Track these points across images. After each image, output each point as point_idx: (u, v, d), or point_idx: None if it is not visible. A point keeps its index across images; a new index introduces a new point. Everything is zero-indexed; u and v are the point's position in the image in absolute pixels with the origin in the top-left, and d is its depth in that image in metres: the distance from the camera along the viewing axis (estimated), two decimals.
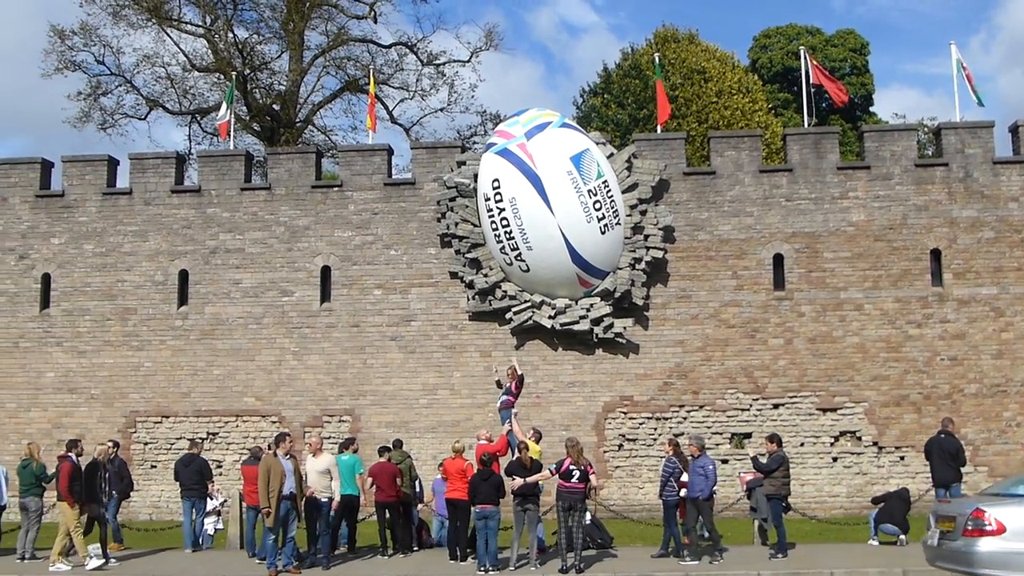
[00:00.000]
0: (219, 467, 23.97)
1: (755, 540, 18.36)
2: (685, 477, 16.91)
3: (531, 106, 24.96)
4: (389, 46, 40.54)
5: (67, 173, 26.34)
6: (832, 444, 23.53)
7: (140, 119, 40.23)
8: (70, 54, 38.31)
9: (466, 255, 24.22)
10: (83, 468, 17.35)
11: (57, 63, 38.28)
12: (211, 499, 19.56)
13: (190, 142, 40.80)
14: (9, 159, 26.98)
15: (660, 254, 23.84)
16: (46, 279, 25.86)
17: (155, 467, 24.73)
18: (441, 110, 40.89)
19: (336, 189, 25.41)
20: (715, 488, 17.07)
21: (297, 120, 39.51)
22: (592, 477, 16.45)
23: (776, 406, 23.68)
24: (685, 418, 23.77)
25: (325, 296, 25.00)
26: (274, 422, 24.49)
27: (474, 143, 37.34)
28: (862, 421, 23.51)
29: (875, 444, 23.41)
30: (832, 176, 24.33)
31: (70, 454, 17.20)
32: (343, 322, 24.73)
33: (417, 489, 19.12)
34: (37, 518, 17.96)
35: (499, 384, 19.34)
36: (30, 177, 26.42)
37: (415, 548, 18.30)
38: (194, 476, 19.01)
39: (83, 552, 16.70)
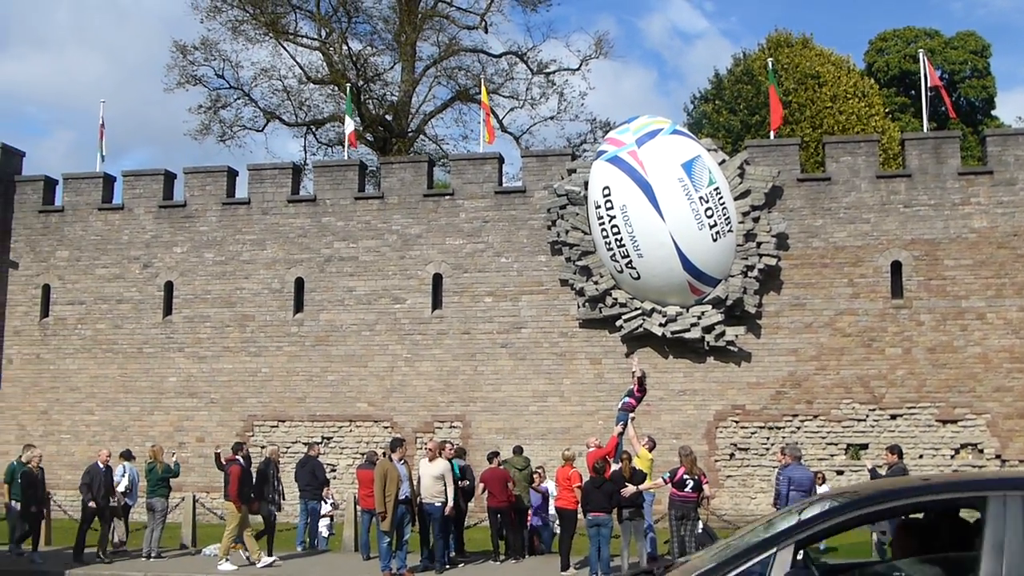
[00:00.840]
0: (333, 471, 24.38)
1: (873, 554, 17.93)
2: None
3: (642, 113, 24.86)
4: (500, 56, 40.85)
5: (189, 184, 27.17)
6: (952, 457, 22.85)
7: (258, 131, 41.28)
8: (191, 69, 39.55)
9: (576, 263, 24.23)
10: (254, 469, 18.05)
11: (179, 78, 39.56)
12: (324, 502, 19.94)
13: (305, 153, 41.69)
14: (134, 171, 27.96)
15: (773, 261, 23.49)
16: (169, 287, 26.70)
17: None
18: (551, 118, 41.05)
19: (448, 197, 25.69)
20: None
21: (409, 130, 40.06)
22: (705, 487, 16.29)
23: (893, 417, 23.11)
24: (799, 428, 23.36)
25: (436, 303, 25.28)
26: (386, 427, 24.83)
27: (584, 151, 37.32)
28: (984, 433, 22.79)
29: (998, 457, 22.66)
30: (953, 182, 23.66)
31: (237, 457, 17.72)
32: (454, 329, 24.97)
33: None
34: (162, 518, 18.56)
35: (641, 381, 18.41)
36: (154, 188, 27.33)
37: (527, 554, 18.34)
38: (307, 477, 19.41)
39: (255, 552, 17.10)
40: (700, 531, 17.14)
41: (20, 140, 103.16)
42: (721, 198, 23.06)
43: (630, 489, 16.04)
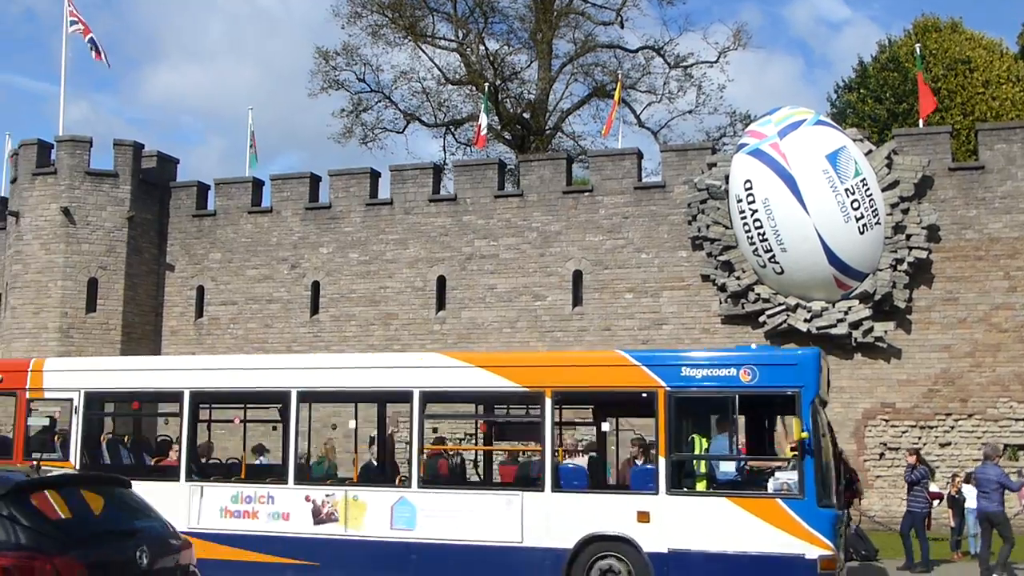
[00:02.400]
0: None
1: None
2: (934, 487, 16.11)
3: (786, 104, 24.38)
4: (636, 50, 40.61)
5: (333, 186, 27.85)
6: None
7: (398, 132, 42.04)
8: (334, 74, 40.50)
9: (718, 258, 23.92)
10: None
11: (322, 83, 40.56)
12: None
13: (444, 152, 42.28)
14: (282, 175, 28.81)
15: (924, 254, 22.73)
16: (315, 287, 27.41)
17: None
18: (689, 112, 40.60)
19: (587, 194, 25.67)
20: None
21: (547, 127, 40.18)
22: (857, 485, 15.89)
23: None
24: (952, 427, 22.56)
25: (577, 300, 25.29)
26: None
27: (724, 144, 36.82)
28: None
29: None
30: None
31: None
32: (595, 326, 24.94)
33: None
34: None
35: None
36: (300, 191, 28.10)
37: None
38: None
39: None
40: (852, 533, 16.74)
41: (175, 148, 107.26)
42: (868, 189, 22.44)
43: None
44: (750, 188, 22.74)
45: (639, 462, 14.18)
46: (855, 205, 22.23)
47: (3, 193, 31.51)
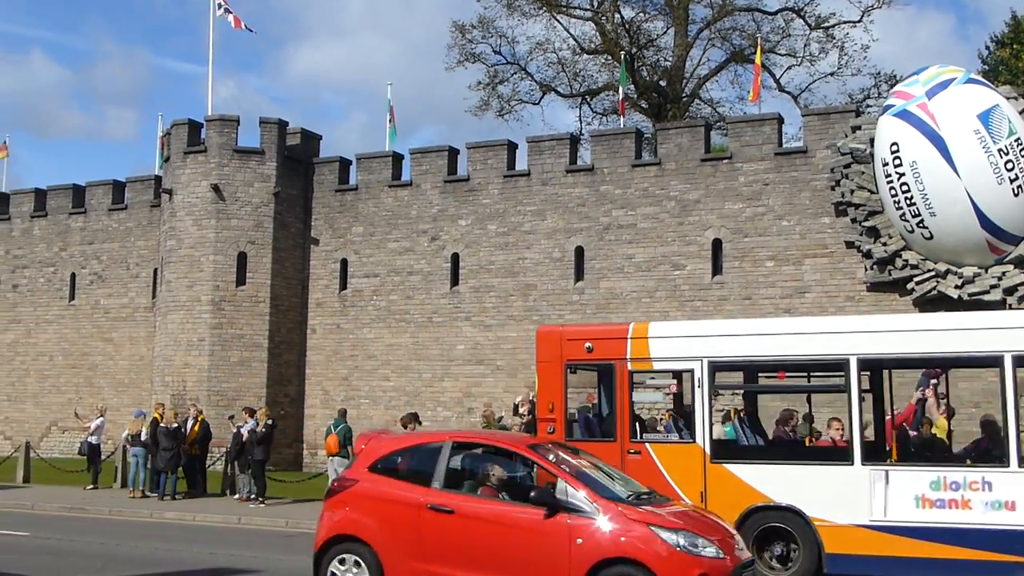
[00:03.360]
0: None
1: None
2: None
3: (933, 63, 23.48)
4: (775, 12, 39.65)
5: (471, 159, 28.12)
6: None
7: (534, 104, 42.11)
8: (470, 47, 40.81)
9: (863, 223, 23.28)
10: None
11: (459, 56, 40.91)
12: None
13: (580, 123, 42.14)
14: (421, 148, 29.23)
15: None
16: (455, 258, 27.78)
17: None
18: (831, 74, 39.49)
19: (726, 161, 25.30)
20: None
21: (684, 95, 39.69)
22: None
23: None
24: None
25: (716, 269, 25.00)
26: (667, 395, 24.81)
27: (868, 106, 35.72)
28: None
29: None
30: None
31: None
32: (735, 295, 24.62)
33: None
34: None
35: None
36: (439, 164, 28.47)
37: None
38: None
39: None
40: None
41: (318, 124, 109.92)
42: (1023, 149, 21.50)
43: None
44: (897, 151, 22.04)
45: None
46: (1009, 166, 21.33)
47: (157, 172, 32.82)
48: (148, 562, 14.17)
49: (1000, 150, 21.31)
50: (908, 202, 22.03)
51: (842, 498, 12.59)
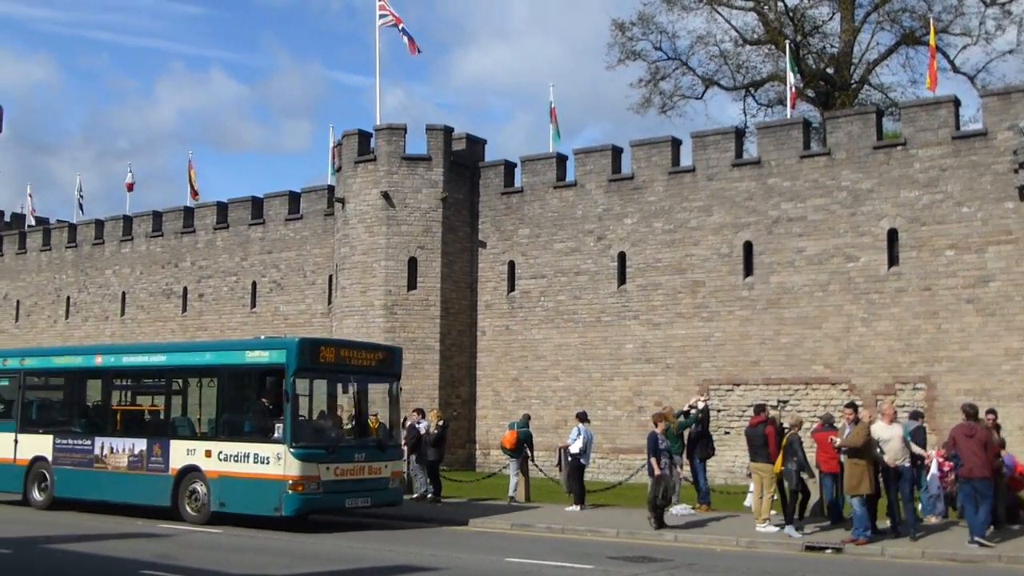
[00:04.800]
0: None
1: None
2: None
3: None
4: None
5: (635, 156, 28.03)
6: None
7: (697, 99, 41.61)
8: (630, 45, 40.61)
9: None
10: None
11: (619, 54, 40.77)
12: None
13: (745, 115, 41.43)
14: (584, 148, 29.30)
15: None
16: (621, 257, 27.74)
17: (728, 433, 25.52)
18: (1010, 52, 37.65)
19: (899, 148, 24.46)
20: None
21: (852, 81, 38.53)
22: None
23: None
24: None
25: (892, 260, 24.20)
26: (844, 390, 24.21)
27: None
28: None
29: None
30: None
31: (765, 416, 18.09)
32: (913, 286, 23.79)
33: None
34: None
35: None
36: (603, 163, 28.48)
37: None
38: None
39: (764, 515, 17.31)
40: None
41: (483, 129, 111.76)
42: None
43: None
44: None
45: None
46: None
47: (330, 182, 33.87)
48: (331, 559, 14.64)
49: None
50: None
51: None
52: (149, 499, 19.16)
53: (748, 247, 25.96)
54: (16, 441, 21.69)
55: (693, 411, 20.74)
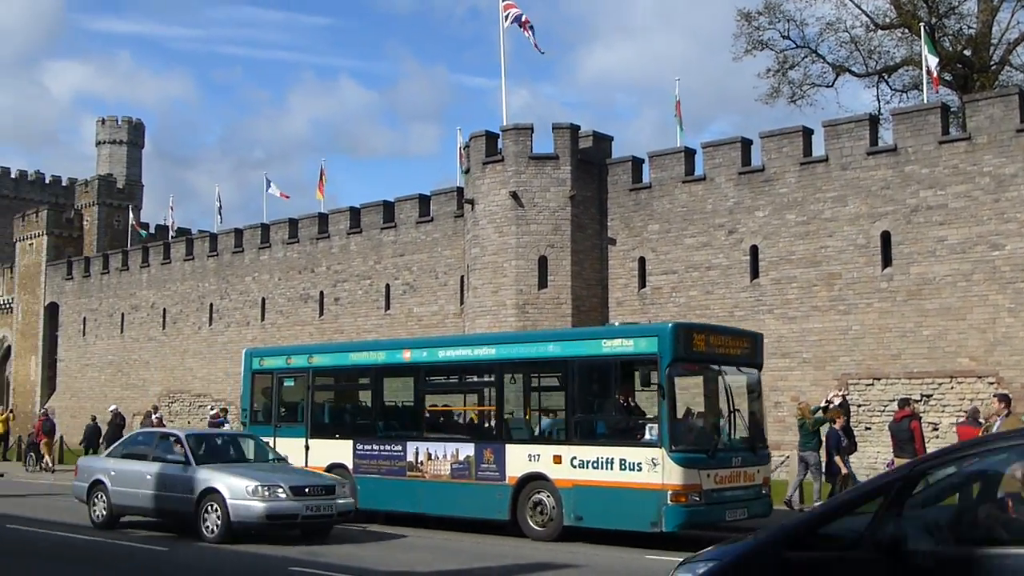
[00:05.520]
0: (935, 430, 23.46)
1: None
2: None
3: None
4: None
5: (765, 148, 27.59)
6: None
7: (827, 87, 40.67)
8: (757, 35, 39.92)
9: None
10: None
11: (746, 45, 40.12)
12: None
13: (878, 102, 40.32)
14: (712, 141, 28.96)
15: None
16: (754, 251, 27.34)
17: (869, 429, 24.91)
18: None
19: None
20: None
21: (992, 63, 37.16)
22: None
23: None
24: None
25: None
26: (991, 383, 23.36)
27: None
28: None
29: None
30: None
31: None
32: None
33: None
34: (815, 470, 19.82)
35: None
36: (732, 156, 28.11)
37: None
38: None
39: None
40: None
41: (609, 126, 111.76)
42: None
43: None
44: None
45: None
46: None
47: (459, 183, 34.26)
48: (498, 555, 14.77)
49: None
50: None
51: None
52: (479, 512, 17.34)
53: (886, 237, 25.28)
54: (307, 447, 19.89)
55: (831, 406, 20.42)
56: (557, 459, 16.18)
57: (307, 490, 15.75)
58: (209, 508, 15.64)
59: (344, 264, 37.49)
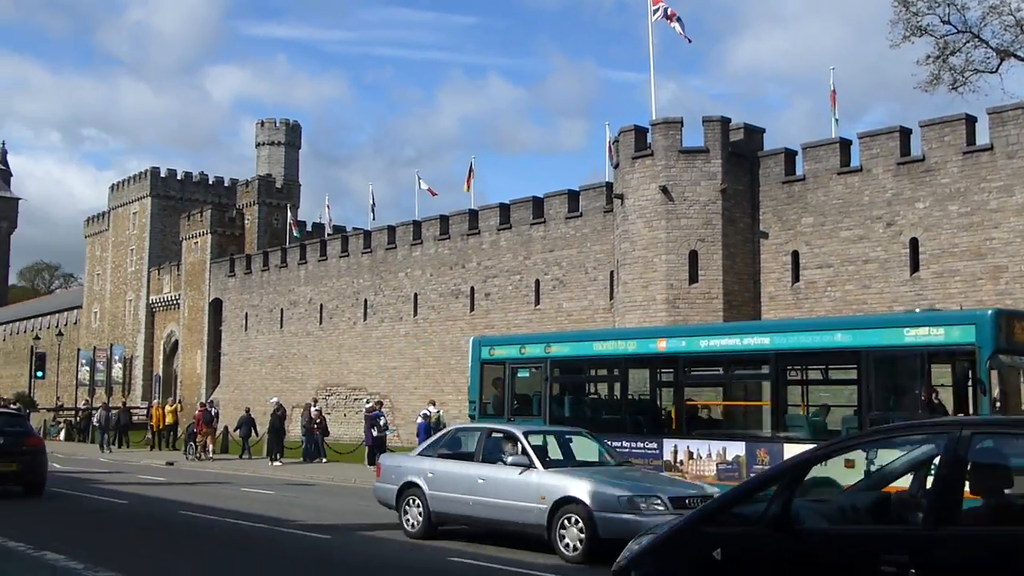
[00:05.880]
0: None
1: None
2: None
3: None
4: None
5: (925, 137, 26.71)
6: None
7: (991, 72, 39.01)
8: (915, 20, 38.58)
9: None
10: None
11: (904, 31, 38.78)
12: None
13: None
14: (869, 131, 28.20)
15: None
16: (913, 243, 26.52)
17: None
18: None
19: None
20: None
21: None
22: None
23: None
24: None
25: None
26: None
27: None
28: None
29: None
30: None
31: None
32: None
33: None
34: None
35: None
36: (890, 146, 27.31)
37: None
38: None
39: None
40: None
41: (760, 117, 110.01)
42: None
43: None
44: None
45: None
46: None
47: (608, 179, 34.25)
48: None
49: None
50: None
51: None
52: None
53: None
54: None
55: None
56: (849, 463, 14.72)
57: (687, 502, 12.78)
58: (567, 521, 12.96)
59: (494, 260, 37.93)
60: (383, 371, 42.75)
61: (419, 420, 31.09)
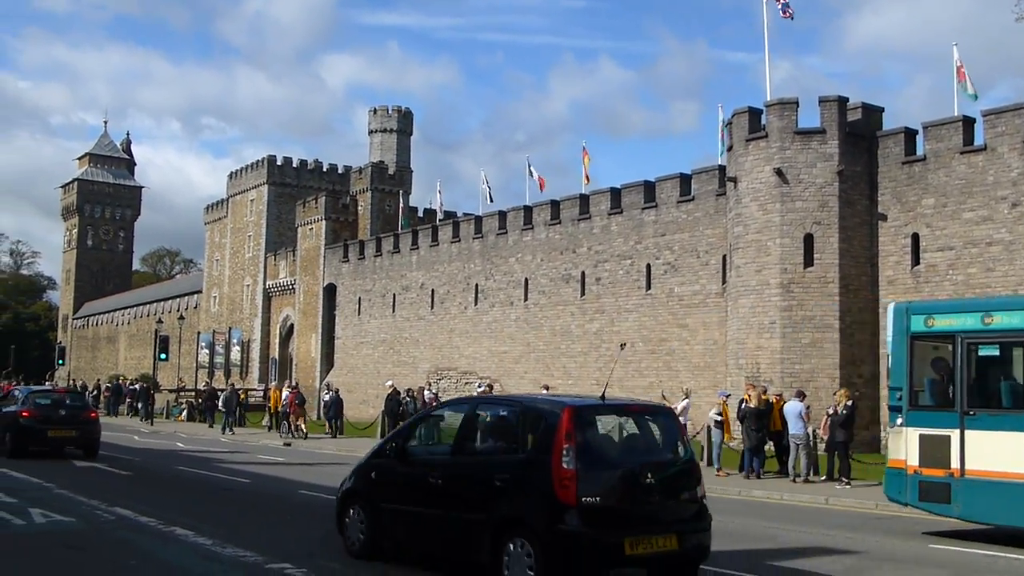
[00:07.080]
0: None
1: None
2: None
3: None
4: None
5: None
6: None
7: None
8: None
9: None
10: None
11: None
12: None
13: None
14: (995, 109, 27.26)
15: None
16: None
17: None
18: None
19: None
20: None
21: None
22: None
23: None
24: None
25: None
26: None
27: None
28: None
29: None
30: None
31: None
32: None
33: None
34: None
35: None
36: (1017, 124, 26.37)
37: None
38: None
39: None
40: None
41: (878, 96, 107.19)
42: None
43: None
44: None
45: None
46: None
47: (720, 161, 33.83)
48: (739, 537, 14.68)
49: None
50: None
51: None
52: None
53: None
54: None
55: None
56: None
57: None
58: None
59: (605, 244, 37.81)
60: (493, 355, 43.02)
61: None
